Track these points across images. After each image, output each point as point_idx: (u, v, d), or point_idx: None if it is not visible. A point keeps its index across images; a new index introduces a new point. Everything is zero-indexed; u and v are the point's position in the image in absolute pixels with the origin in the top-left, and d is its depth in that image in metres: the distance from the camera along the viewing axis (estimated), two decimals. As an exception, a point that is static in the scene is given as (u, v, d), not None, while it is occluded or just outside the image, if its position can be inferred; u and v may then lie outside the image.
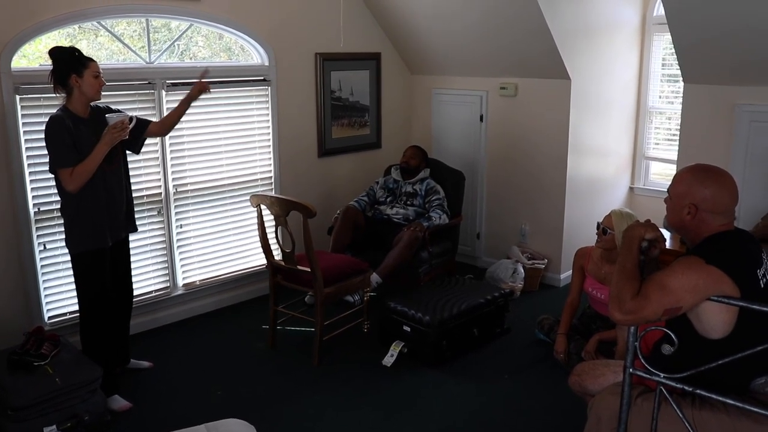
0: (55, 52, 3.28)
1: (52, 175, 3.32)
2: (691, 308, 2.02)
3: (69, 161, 3.21)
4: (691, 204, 2.12)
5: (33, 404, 3.00)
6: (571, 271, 4.11)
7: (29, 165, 3.79)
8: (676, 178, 2.23)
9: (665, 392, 2.05)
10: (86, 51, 3.35)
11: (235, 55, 4.94)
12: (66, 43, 3.76)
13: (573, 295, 3.90)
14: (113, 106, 3.59)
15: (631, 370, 2.09)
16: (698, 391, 1.98)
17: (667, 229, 3.71)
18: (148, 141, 4.21)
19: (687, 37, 4.07)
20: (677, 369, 2.01)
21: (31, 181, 3.80)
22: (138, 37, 4.35)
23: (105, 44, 4.34)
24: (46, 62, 3.32)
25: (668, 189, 2.25)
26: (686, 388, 2.00)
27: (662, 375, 2.03)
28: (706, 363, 1.96)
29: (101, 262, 3.41)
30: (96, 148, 3.27)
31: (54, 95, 3.35)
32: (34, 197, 3.83)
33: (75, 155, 3.23)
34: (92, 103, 3.37)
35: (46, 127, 3.24)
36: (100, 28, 4.19)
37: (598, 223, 3.72)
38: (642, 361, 2.06)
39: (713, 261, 2.00)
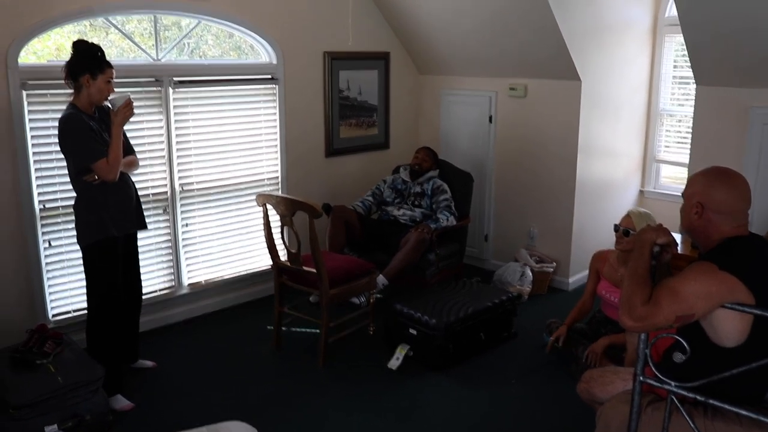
0: (78, 45, 3.28)
1: (65, 171, 3.29)
2: (704, 315, 1.97)
3: (101, 152, 3.22)
4: (698, 203, 2.09)
5: (34, 403, 2.98)
6: (580, 274, 4.06)
7: (35, 161, 3.77)
8: (689, 181, 2.21)
9: (676, 401, 2.00)
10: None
11: (245, 54, 4.91)
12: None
13: (585, 297, 3.86)
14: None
15: (641, 378, 2.05)
16: (711, 400, 1.93)
17: (680, 234, 3.65)
18: (153, 140, 4.22)
19: (699, 38, 4.01)
20: (689, 377, 1.96)
21: (36, 177, 3.79)
22: (149, 35, 4.33)
23: (116, 42, 4.32)
24: (54, 59, 3.28)
25: (682, 193, 2.21)
26: (698, 397, 1.95)
27: (673, 383, 1.98)
28: (719, 372, 1.91)
29: (111, 253, 3.38)
30: (112, 131, 3.28)
31: (61, 91, 3.32)
32: (39, 194, 3.81)
33: (103, 146, 3.23)
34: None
35: (65, 126, 3.20)
36: (111, 25, 4.17)
37: (616, 225, 3.61)
38: (653, 368, 2.02)
39: (727, 267, 1.95)
